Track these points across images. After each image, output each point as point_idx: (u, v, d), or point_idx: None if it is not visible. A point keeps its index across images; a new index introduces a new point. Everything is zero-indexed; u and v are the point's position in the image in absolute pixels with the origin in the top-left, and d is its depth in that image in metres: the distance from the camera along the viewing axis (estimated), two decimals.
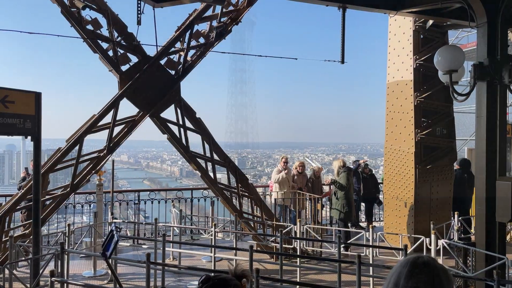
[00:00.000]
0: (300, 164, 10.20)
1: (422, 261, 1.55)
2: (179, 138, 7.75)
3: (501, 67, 5.08)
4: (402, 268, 1.54)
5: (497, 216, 5.15)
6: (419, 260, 1.55)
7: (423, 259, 1.55)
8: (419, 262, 1.54)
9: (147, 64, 7.37)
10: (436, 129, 8.75)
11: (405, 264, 1.55)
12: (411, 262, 1.55)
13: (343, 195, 8.48)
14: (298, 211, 9.42)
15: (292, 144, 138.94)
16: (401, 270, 1.54)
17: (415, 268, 1.53)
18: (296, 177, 9.95)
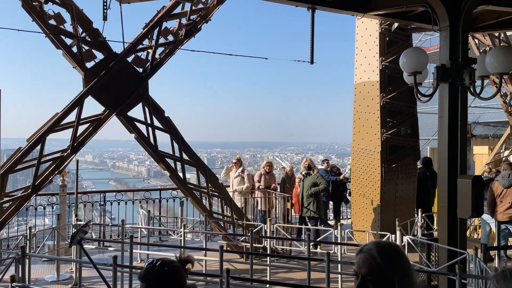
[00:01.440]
0: (267, 163, 10.19)
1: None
2: (147, 138, 7.59)
3: (462, 70, 5.27)
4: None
5: (458, 213, 5.35)
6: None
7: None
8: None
9: (113, 61, 7.17)
10: (401, 129, 9.03)
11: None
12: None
13: (314, 195, 8.60)
14: (267, 210, 9.47)
15: (262, 143, 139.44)
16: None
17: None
18: (263, 177, 9.95)
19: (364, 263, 1.61)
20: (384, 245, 1.65)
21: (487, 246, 5.43)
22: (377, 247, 1.63)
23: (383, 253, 1.60)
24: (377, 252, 1.60)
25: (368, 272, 1.59)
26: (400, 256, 1.62)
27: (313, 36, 6.62)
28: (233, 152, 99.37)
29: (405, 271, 1.60)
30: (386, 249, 1.63)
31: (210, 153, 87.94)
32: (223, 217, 8.12)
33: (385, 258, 1.59)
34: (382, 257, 1.59)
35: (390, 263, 1.58)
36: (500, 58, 4.78)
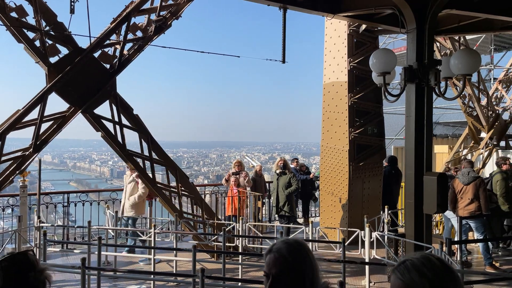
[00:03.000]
0: (237, 162, 10.16)
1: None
2: (115, 136, 7.38)
3: (428, 71, 5.48)
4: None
5: (424, 209, 5.56)
6: None
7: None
8: None
9: (79, 56, 6.90)
10: (368, 128, 9.26)
11: None
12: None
13: (288, 192, 8.69)
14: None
15: (229, 143, 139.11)
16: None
17: None
18: (233, 176, 9.90)
19: (274, 263, 1.62)
20: (292, 243, 1.66)
21: (451, 240, 5.67)
22: (286, 246, 1.64)
23: (293, 251, 1.62)
24: (286, 250, 1.61)
25: (279, 271, 1.60)
26: (308, 253, 1.65)
27: (285, 35, 6.67)
28: (199, 152, 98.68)
29: (313, 267, 1.63)
30: (294, 247, 1.64)
31: (176, 153, 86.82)
32: (193, 216, 8.02)
33: (295, 256, 1.61)
34: (292, 255, 1.60)
35: (300, 260, 1.60)
36: (464, 60, 5.01)
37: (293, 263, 1.59)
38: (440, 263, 1.47)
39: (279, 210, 8.85)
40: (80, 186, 63.13)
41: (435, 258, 1.48)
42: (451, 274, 1.45)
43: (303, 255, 1.63)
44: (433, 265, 1.45)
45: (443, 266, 1.46)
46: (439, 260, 1.48)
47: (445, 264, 1.48)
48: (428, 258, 1.47)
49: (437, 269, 1.44)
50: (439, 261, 1.47)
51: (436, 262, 1.46)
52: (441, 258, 1.50)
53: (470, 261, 7.97)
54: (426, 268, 1.43)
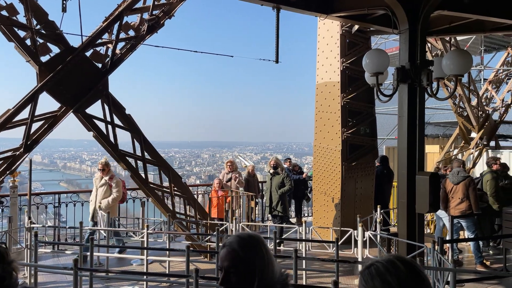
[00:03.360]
0: (229, 162, 10.13)
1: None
2: (107, 136, 7.33)
3: (420, 71, 5.51)
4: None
5: (416, 208, 5.59)
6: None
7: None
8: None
9: (70, 55, 6.84)
10: (360, 128, 9.31)
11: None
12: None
13: (281, 193, 8.69)
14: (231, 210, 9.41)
15: (221, 143, 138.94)
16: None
17: None
18: (226, 176, 9.90)
19: (226, 256, 1.66)
20: (244, 237, 1.69)
21: (444, 239, 5.72)
22: (238, 240, 1.67)
23: (244, 244, 1.65)
24: (238, 244, 1.65)
25: (230, 264, 1.63)
26: (261, 247, 1.67)
27: (278, 35, 6.67)
28: (191, 152, 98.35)
29: (265, 260, 1.65)
30: (246, 241, 1.67)
31: (167, 153, 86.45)
32: (186, 217, 7.99)
33: (246, 249, 1.64)
34: (243, 248, 1.63)
35: (251, 254, 1.63)
36: (456, 60, 5.05)
37: (243, 256, 1.62)
38: (405, 267, 1.44)
39: (272, 210, 8.86)
40: (70, 186, 62.57)
41: (401, 262, 1.46)
42: (417, 278, 1.43)
43: (254, 249, 1.65)
44: (397, 270, 1.42)
45: (409, 270, 1.43)
46: (405, 263, 1.45)
47: (411, 267, 1.45)
48: (393, 262, 1.45)
49: (401, 274, 1.41)
50: (405, 265, 1.44)
51: (400, 267, 1.43)
52: (409, 261, 1.48)
53: (461, 260, 8.05)
54: (390, 274, 1.41)
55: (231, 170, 9.93)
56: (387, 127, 18.05)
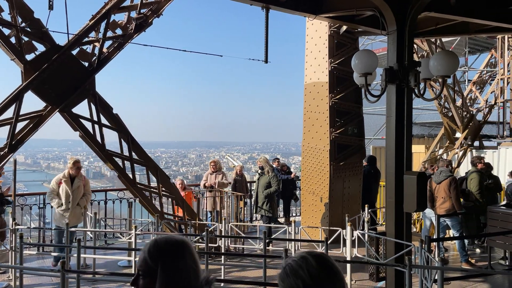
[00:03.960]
0: (212, 162, 10.00)
1: None
2: (93, 136, 7.23)
3: (408, 72, 5.57)
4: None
5: (404, 207, 5.65)
6: None
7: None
8: None
9: (56, 54, 6.72)
10: (348, 128, 9.38)
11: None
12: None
13: (267, 193, 8.69)
14: (215, 211, 9.36)
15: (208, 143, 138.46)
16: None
17: None
18: (210, 176, 9.82)
19: (139, 259, 1.72)
20: (160, 242, 1.70)
21: (431, 238, 5.80)
22: (152, 244, 1.70)
23: (152, 246, 1.68)
24: (149, 249, 1.68)
25: (140, 267, 1.68)
26: (176, 251, 1.67)
27: (267, 35, 6.67)
28: (178, 152, 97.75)
29: (179, 266, 1.65)
30: (159, 246, 1.69)
31: (154, 153, 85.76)
32: (174, 217, 7.93)
33: (151, 251, 1.66)
34: (149, 250, 1.67)
35: (154, 255, 1.65)
36: (443, 61, 5.12)
37: (148, 257, 1.66)
38: (316, 262, 1.49)
39: (258, 209, 8.86)
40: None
41: (312, 257, 1.51)
42: (328, 271, 1.49)
43: (158, 250, 1.66)
44: (308, 265, 1.48)
45: (319, 264, 1.49)
46: (316, 258, 1.51)
47: (323, 261, 1.51)
48: (305, 258, 1.50)
49: (311, 269, 1.46)
50: (316, 260, 1.50)
51: (311, 262, 1.48)
52: (320, 255, 1.53)
53: (447, 258, 8.17)
54: (302, 269, 1.47)
55: (215, 170, 9.80)
56: (373, 127, 18.24)
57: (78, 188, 7.48)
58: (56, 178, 7.53)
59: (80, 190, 7.53)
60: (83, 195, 7.58)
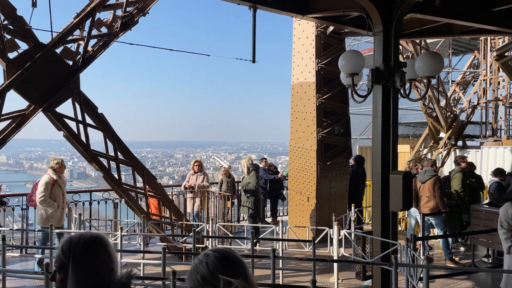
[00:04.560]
0: (196, 162, 9.84)
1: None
2: (78, 136, 7.11)
3: (393, 73, 5.62)
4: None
5: (390, 206, 5.71)
6: None
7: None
8: None
9: (40, 52, 6.59)
10: (335, 128, 9.43)
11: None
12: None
13: (252, 192, 8.67)
14: (194, 212, 9.28)
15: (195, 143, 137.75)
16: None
17: None
18: (192, 177, 9.65)
19: (55, 254, 1.80)
20: (73, 236, 1.76)
21: (416, 237, 5.87)
22: (65, 239, 1.77)
23: (65, 243, 1.74)
24: (62, 243, 1.75)
25: (55, 260, 1.77)
26: (80, 244, 1.72)
27: (255, 35, 6.66)
28: (164, 152, 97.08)
29: (82, 259, 1.69)
30: (69, 240, 1.75)
31: (139, 153, 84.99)
32: (161, 218, 7.86)
33: (63, 247, 1.72)
34: (62, 247, 1.73)
35: (66, 251, 1.71)
36: (429, 62, 5.19)
37: (60, 253, 1.71)
38: (216, 257, 1.55)
39: (241, 208, 8.88)
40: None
41: (213, 252, 1.57)
42: (227, 267, 1.53)
43: (69, 246, 1.71)
44: (208, 261, 1.54)
45: (219, 260, 1.54)
46: (218, 254, 1.56)
47: (223, 257, 1.56)
48: (207, 254, 1.57)
49: (211, 264, 1.53)
50: (216, 255, 1.55)
51: (211, 258, 1.54)
52: (223, 251, 1.59)
53: (432, 256, 8.29)
54: (202, 265, 1.54)
55: (198, 171, 9.65)
56: (359, 127, 18.40)
57: (65, 186, 7.68)
58: (46, 182, 7.33)
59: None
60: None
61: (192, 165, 9.78)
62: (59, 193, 7.39)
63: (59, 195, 7.39)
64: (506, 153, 12.91)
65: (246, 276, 1.56)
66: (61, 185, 7.49)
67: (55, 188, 7.36)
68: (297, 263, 7.30)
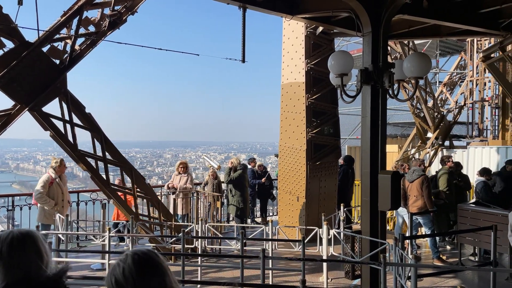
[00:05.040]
0: (181, 164, 9.59)
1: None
2: (65, 135, 7.01)
3: (382, 73, 5.66)
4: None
5: (379, 206, 5.75)
6: None
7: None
8: None
9: (26, 50, 6.48)
10: (324, 128, 9.47)
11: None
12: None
13: (239, 192, 8.67)
14: (184, 213, 9.21)
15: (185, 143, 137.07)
16: None
17: None
18: (175, 178, 9.44)
19: None
20: (1, 234, 1.84)
21: (404, 236, 5.92)
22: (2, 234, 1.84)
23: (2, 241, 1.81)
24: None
25: None
26: (8, 241, 1.78)
27: (245, 35, 6.64)
28: (153, 152, 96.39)
29: (7, 255, 1.76)
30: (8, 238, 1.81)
31: (128, 153, 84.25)
32: (150, 218, 7.80)
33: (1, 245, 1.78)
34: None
35: (6, 248, 1.77)
36: (417, 63, 5.24)
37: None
38: (133, 259, 1.57)
39: (229, 206, 8.87)
40: (24, 188, 59.63)
41: (133, 254, 1.60)
42: (142, 269, 1.55)
43: (2, 245, 1.77)
44: (125, 263, 1.57)
45: (135, 262, 1.56)
46: (135, 255, 1.59)
47: (140, 259, 1.57)
48: (126, 256, 1.60)
49: (125, 266, 1.55)
50: (133, 257, 1.58)
51: (129, 260, 1.57)
52: (141, 253, 1.60)
53: (419, 255, 8.37)
54: (118, 267, 1.57)
55: (182, 172, 9.37)
56: (348, 127, 18.52)
57: (65, 185, 7.93)
58: (45, 180, 7.70)
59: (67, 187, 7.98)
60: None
61: (177, 166, 9.54)
62: (57, 192, 7.72)
63: (57, 194, 7.72)
64: (492, 153, 13.12)
65: (163, 281, 1.57)
66: (60, 184, 7.78)
67: (53, 186, 7.69)
68: (287, 263, 7.31)
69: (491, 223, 6.33)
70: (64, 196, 7.83)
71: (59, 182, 7.80)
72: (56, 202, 7.68)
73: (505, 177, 9.15)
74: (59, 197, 7.74)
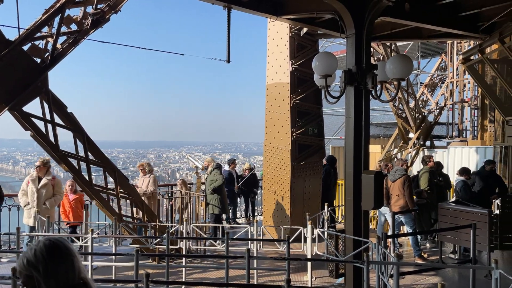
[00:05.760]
0: (140, 166, 9.47)
1: None
2: (46, 135, 6.89)
3: (365, 74, 5.75)
4: None
5: (362, 205, 5.83)
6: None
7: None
8: None
9: (6, 49, 6.35)
10: (309, 129, 9.54)
11: None
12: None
13: (217, 190, 8.70)
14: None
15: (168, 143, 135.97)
16: None
17: None
18: (139, 179, 9.34)
19: None
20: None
21: (387, 235, 6.01)
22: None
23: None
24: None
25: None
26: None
27: (229, 35, 6.66)
28: (136, 152, 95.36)
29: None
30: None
31: (111, 153, 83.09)
32: (133, 219, 7.73)
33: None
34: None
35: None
36: (399, 65, 5.34)
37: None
38: (45, 244, 1.73)
39: (210, 207, 8.88)
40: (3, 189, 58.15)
41: (45, 240, 1.75)
42: (52, 253, 1.71)
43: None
44: (38, 247, 1.73)
45: (47, 246, 1.72)
46: (48, 241, 1.75)
47: (51, 244, 1.74)
48: (39, 241, 1.76)
49: (37, 249, 1.72)
50: (45, 242, 1.74)
51: (41, 244, 1.73)
52: (53, 239, 1.78)
53: (402, 253, 8.53)
54: (30, 250, 1.73)
55: (144, 174, 9.23)
56: (332, 127, 18.68)
57: (44, 187, 7.56)
58: (27, 178, 7.81)
59: (48, 190, 7.60)
60: (52, 195, 7.67)
61: (138, 168, 9.40)
62: (31, 192, 7.58)
63: (30, 194, 7.58)
64: (471, 152, 13.44)
65: (72, 265, 1.74)
66: (35, 183, 7.57)
67: (29, 186, 7.60)
68: (272, 263, 7.35)
69: (471, 222, 6.48)
70: (36, 197, 7.50)
71: (36, 182, 7.55)
72: (30, 202, 7.54)
73: (484, 176, 9.38)
74: (31, 197, 7.53)
